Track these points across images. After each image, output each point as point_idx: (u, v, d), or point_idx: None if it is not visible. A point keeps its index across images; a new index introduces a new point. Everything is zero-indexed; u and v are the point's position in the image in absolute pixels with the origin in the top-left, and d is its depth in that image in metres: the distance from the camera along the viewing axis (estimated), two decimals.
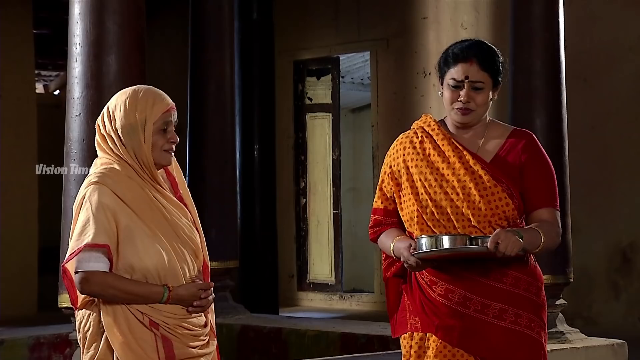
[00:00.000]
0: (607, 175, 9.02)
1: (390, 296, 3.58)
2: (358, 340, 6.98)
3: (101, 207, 3.23)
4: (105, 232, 3.22)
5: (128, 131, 3.30)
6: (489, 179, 3.44)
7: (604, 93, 9.04)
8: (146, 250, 3.25)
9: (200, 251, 3.39)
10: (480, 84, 3.45)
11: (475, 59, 3.45)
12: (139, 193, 3.30)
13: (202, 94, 7.79)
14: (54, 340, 7.19)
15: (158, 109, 3.30)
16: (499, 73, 3.49)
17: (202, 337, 3.35)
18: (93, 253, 3.22)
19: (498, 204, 3.43)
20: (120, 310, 3.25)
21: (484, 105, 3.48)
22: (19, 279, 9.93)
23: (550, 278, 6.26)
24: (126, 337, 3.23)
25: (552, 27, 6.54)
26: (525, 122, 6.21)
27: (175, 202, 3.37)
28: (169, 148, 3.34)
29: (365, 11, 10.68)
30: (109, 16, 5.09)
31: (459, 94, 3.46)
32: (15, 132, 10.17)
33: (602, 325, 8.69)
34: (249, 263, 9.60)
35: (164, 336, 3.26)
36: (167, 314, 3.27)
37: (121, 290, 3.22)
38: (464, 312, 3.41)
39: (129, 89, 3.36)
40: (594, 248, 8.98)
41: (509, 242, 3.28)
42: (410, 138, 3.58)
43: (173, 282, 3.28)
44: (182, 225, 3.34)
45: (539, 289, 3.49)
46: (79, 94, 5.13)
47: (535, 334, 3.44)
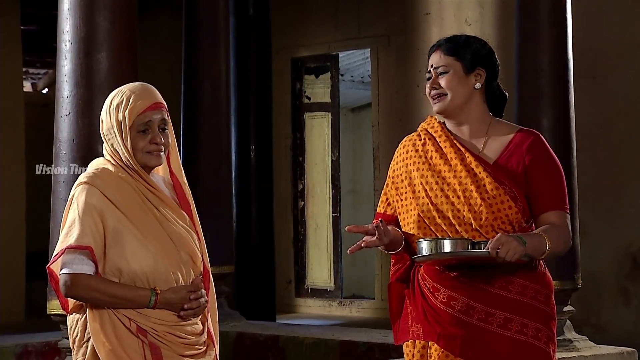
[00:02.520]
0: (616, 176, 9.02)
1: (393, 302, 3.58)
2: (358, 348, 6.98)
3: (88, 208, 3.23)
4: (90, 234, 3.22)
5: (110, 133, 3.34)
6: (491, 181, 3.44)
7: (613, 91, 9.05)
8: (134, 253, 3.24)
9: (198, 256, 3.38)
10: (443, 68, 3.51)
11: (440, 48, 3.54)
12: (130, 194, 3.30)
13: (196, 92, 7.80)
14: (42, 348, 7.19)
15: (133, 110, 3.30)
16: (472, 57, 3.51)
17: (197, 346, 3.33)
18: (77, 255, 3.22)
19: (500, 207, 3.42)
20: (107, 316, 3.24)
21: (454, 89, 3.50)
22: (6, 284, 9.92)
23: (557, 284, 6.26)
24: (112, 344, 3.22)
25: (559, 23, 6.55)
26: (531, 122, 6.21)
27: (172, 204, 3.37)
28: (151, 150, 3.33)
29: (365, 7, 10.69)
30: (99, 12, 5.09)
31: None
32: (1, 132, 10.16)
33: (611, 332, 8.69)
34: (245, 268, 9.59)
35: (152, 344, 3.24)
36: (156, 320, 3.26)
37: (105, 294, 3.21)
38: (467, 320, 3.41)
39: (116, 89, 3.37)
40: (603, 253, 8.98)
41: (509, 248, 3.26)
42: (413, 141, 3.59)
43: (164, 287, 3.27)
44: (177, 229, 3.33)
45: (548, 296, 3.47)
46: (68, 92, 5.12)
47: (542, 344, 3.42)
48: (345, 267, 11.40)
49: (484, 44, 3.58)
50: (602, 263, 8.98)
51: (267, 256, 10.08)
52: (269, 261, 10.11)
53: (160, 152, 3.35)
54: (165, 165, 3.44)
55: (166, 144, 3.37)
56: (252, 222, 9.98)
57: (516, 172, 3.46)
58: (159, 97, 3.37)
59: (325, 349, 7.13)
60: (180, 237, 3.33)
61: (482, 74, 3.53)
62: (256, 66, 10.16)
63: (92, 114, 5.05)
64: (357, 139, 13.18)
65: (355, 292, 11.83)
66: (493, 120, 3.56)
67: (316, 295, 11.24)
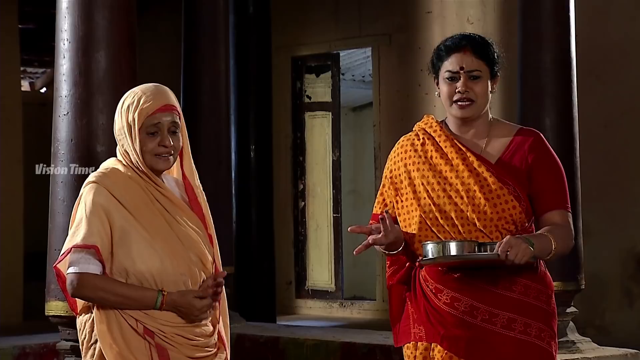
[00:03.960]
0: (620, 176, 9.02)
1: (394, 304, 3.58)
2: (359, 350, 6.99)
3: (95, 208, 3.24)
4: (97, 233, 3.23)
5: (121, 134, 3.35)
6: (494, 181, 3.44)
7: (617, 90, 9.05)
8: (140, 254, 3.24)
9: (208, 258, 3.37)
10: (477, 72, 3.46)
11: (468, 47, 3.47)
12: (138, 195, 3.30)
13: (195, 91, 7.80)
14: (40, 350, 7.19)
15: (144, 110, 3.30)
16: (494, 63, 3.50)
17: (206, 348, 3.33)
18: (83, 254, 3.23)
19: (504, 207, 3.43)
20: (113, 317, 3.25)
21: (484, 96, 3.48)
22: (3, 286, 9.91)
23: (560, 285, 6.28)
24: (120, 346, 3.23)
25: (562, 22, 6.56)
26: (534, 122, 6.22)
27: (182, 206, 3.37)
28: (160, 152, 3.33)
29: (366, 5, 10.70)
30: (98, 11, 5.10)
31: (456, 86, 3.47)
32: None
33: (615, 334, 8.70)
34: (244, 269, 9.60)
35: (160, 345, 3.25)
36: (163, 321, 3.26)
37: (111, 293, 3.22)
38: (470, 321, 3.41)
39: (130, 90, 3.37)
40: (607, 253, 8.98)
41: (519, 250, 3.27)
42: (411, 140, 3.59)
43: (172, 289, 3.27)
44: (187, 230, 3.34)
45: (549, 297, 3.49)
46: (66, 92, 5.13)
47: (545, 344, 3.44)
48: (346, 268, 11.40)
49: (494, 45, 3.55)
50: (605, 264, 8.98)
51: (267, 257, 10.08)
52: (269, 262, 10.11)
53: (169, 156, 3.35)
54: (179, 168, 3.44)
55: (176, 147, 3.35)
56: (252, 223, 9.98)
57: (519, 171, 3.47)
58: (171, 99, 3.36)
59: (326, 351, 7.13)
60: (189, 239, 3.33)
61: (497, 79, 3.53)
62: (256, 65, 10.16)
63: (90, 113, 5.06)
64: (358, 139, 13.18)
65: (356, 293, 11.83)
66: (493, 120, 3.57)
67: (317, 297, 11.24)
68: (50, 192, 5.21)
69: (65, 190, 4.98)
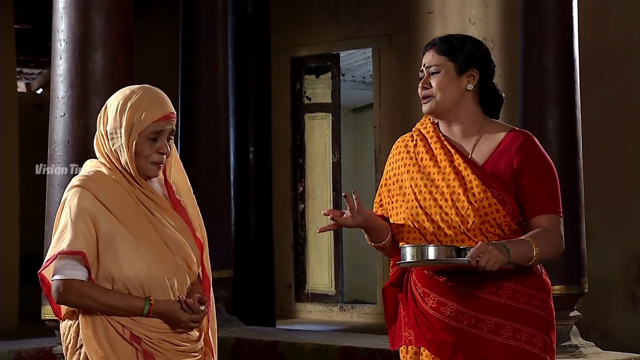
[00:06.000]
0: (624, 179, 9.03)
1: (388, 306, 3.59)
2: (359, 354, 6.99)
3: (80, 212, 3.22)
4: (83, 239, 3.20)
5: (115, 134, 3.30)
6: (479, 184, 3.42)
7: (620, 91, 9.05)
8: (127, 258, 3.23)
9: (194, 261, 3.37)
10: (435, 67, 3.50)
11: (434, 47, 3.53)
12: (124, 198, 3.28)
13: (193, 93, 7.80)
14: (36, 354, 7.19)
15: (148, 116, 3.27)
16: (466, 58, 3.49)
17: (193, 354, 3.32)
18: (69, 260, 3.21)
19: (487, 211, 3.40)
20: (99, 322, 3.24)
21: (444, 90, 3.49)
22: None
23: (563, 288, 6.29)
24: (105, 351, 3.22)
25: (565, 22, 6.56)
26: (537, 124, 6.23)
27: (168, 209, 3.35)
28: (157, 160, 3.31)
29: (367, 5, 10.70)
30: (95, 11, 5.11)
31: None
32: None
33: (618, 338, 8.69)
34: (243, 272, 9.60)
35: (146, 351, 3.24)
36: (150, 327, 3.25)
37: (97, 302, 3.21)
38: (456, 326, 3.41)
39: (129, 88, 3.33)
40: (610, 256, 8.99)
41: (490, 257, 3.23)
42: (405, 142, 3.60)
43: (159, 293, 3.26)
44: (173, 233, 3.32)
45: (544, 301, 3.45)
46: (63, 93, 5.14)
47: (537, 350, 3.40)
48: (346, 272, 11.40)
49: (479, 45, 3.56)
50: (609, 267, 8.98)
51: (266, 260, 10.08)
52: (268, 265, 10.11)
53: (161, 165, 3.34)
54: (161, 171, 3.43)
55: (168, 154, 3.35)
56: (251, 225, 9.99)
57: (505, 174, 3.44)
58: (172, 106, 3.36)
59: (326, 355, 7.13)
60: (175, 242, 3.32)
61: (475, 75, 3.51)
62: (255, 66, 10.16)
63: (87, 114, 5.06)
64: (358, 140, 13.18)
65: (356, 297, 11.83)
66: (485, 121, 3.54)
67: (316, 300, 11.24)
68: (46, 194, 5.21)
69: (62, 192, 4.95)
